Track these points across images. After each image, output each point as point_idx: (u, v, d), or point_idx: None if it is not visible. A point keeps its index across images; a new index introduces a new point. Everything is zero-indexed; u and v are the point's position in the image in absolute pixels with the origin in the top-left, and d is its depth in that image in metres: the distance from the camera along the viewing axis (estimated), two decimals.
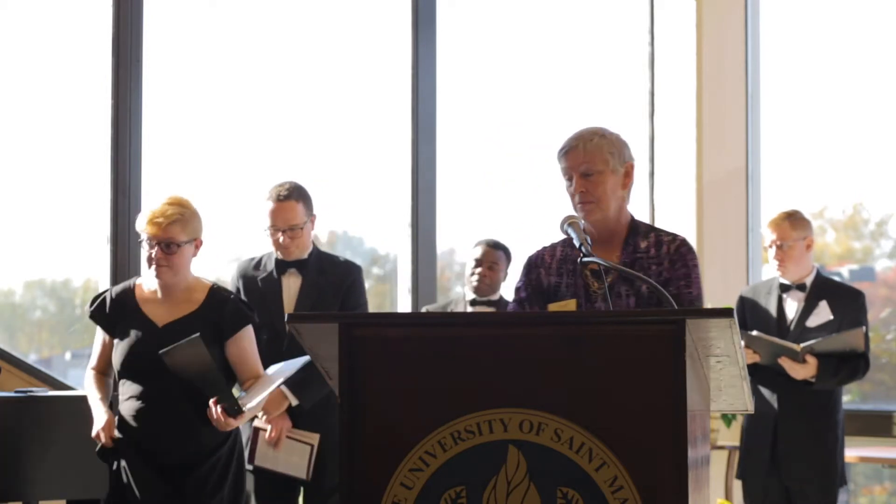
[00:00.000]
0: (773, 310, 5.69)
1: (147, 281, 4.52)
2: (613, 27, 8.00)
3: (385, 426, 2.72)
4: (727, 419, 6.71)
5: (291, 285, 5.12)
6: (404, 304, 6.95)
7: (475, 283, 5.92)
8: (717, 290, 7.37)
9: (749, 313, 5.72)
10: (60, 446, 4.80)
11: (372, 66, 7.18)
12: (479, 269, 5.92)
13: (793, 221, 5.67)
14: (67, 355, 6.87)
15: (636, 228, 3.61)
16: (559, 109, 7.78)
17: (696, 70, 7.58)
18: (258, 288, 5.10)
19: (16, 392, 4.99)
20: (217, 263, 6.99)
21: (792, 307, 5.68)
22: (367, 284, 5.29)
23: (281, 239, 5.06)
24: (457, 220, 7.26)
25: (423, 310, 6.30)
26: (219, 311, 4.43)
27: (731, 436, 7.09)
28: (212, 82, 6.73)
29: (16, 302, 6.71)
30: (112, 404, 4.57)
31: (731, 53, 7.60)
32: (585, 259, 3.29)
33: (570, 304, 3.47)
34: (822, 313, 5.60)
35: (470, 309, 5.93)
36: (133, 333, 4.42)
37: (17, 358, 5.89)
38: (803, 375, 5.44)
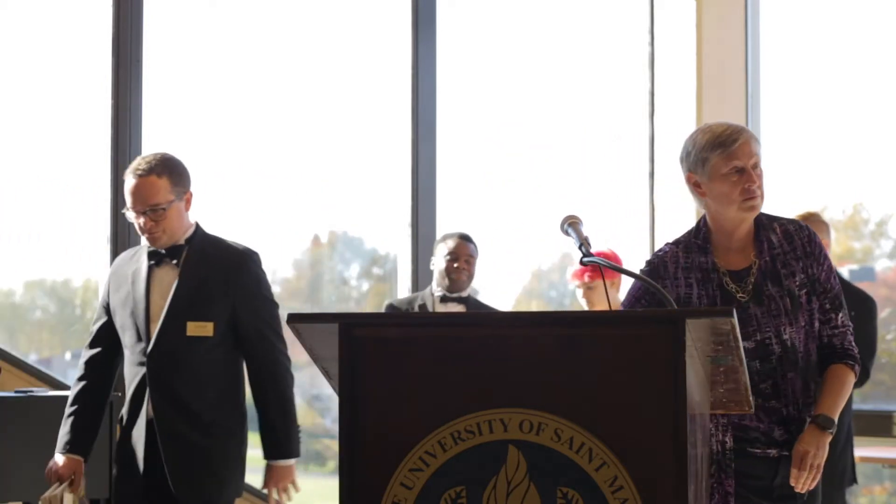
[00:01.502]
0: None
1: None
2: (613, 27, 8.01)
3: (385, 426, 2.72)
4: None
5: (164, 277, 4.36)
6: None
7: (454, 278, 5.63)
8: None
9: None
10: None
11: (372, 66, 7.18)
12: (456, 264, 5.64)
13: (814, 225, 5.61)
14: (67, 355, 6.87)
15: (760, 222, 3.56)
16: (559, 109, 7.78)
17: (696, 70, 7.59)
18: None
19: (16, 392, 5.00)
20: None
21: None
22: (366, 284, 5.28)
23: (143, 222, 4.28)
24: (457, 220, 7.26)
25: (386, 304, 5.91)
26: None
27: None
28: (212, 82, 6.73)
29: (16, 302, 6.71)
30: None
31: (731, 53, 7.60)
32: (585, 260, 3.29)
33: None
34: None
35: (440, 306, 5.67)
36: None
37: (17, 358, 5.90)
38: None
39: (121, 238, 5.99)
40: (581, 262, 3.30)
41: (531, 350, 2.70)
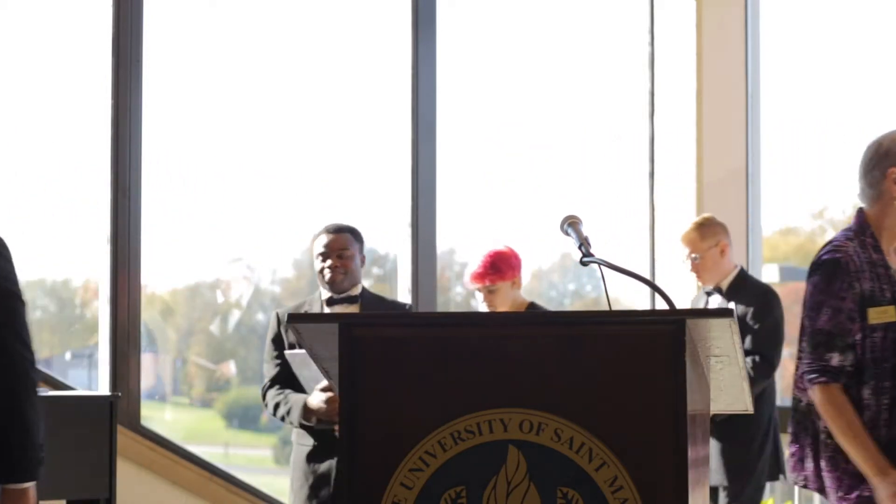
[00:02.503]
0: None
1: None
2: (613, 27, 8.01)
3: (385, 426, 2.71)
4: None
5: None
6: None
7: (328, 279, 5.05)
8: None
9: None
10: (60, 446, 4.80)
11: (372, 66, 7.18)
12: (329, 261, 5.04)
13: (702, 232, 5.83)
14: (67, 355, 6.87)
15: None
16: (559, 109, 7.78)
17: (696, 70, 7.58)
18: None
19: None
20: (217, 263, 7.00)
21: None
22: (366, 284, 5.25)
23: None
24: (457, 220, 7.26)
25: (274, 314, 5.26)
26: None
27: None
28: (212, 82, 6.73)
29: None
30: None
31: (731, 53, 7.60)
32: (585, 260, 3.29)
33: (889, 312, 3.52)
34: None
35: (327, 309, 5.13)
36: None
37: None
38: None
39: (121, 238, 5.99)
40: (581, 262, 3.30)
41: (531, 350, 2.69)
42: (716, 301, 5.84)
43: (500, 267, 5.54)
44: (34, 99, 6.23)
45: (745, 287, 5.85)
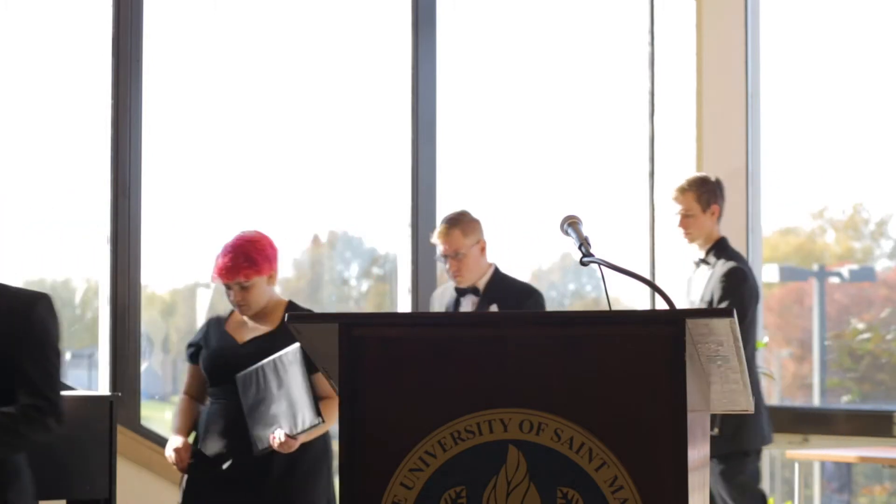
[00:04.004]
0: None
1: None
2: (613, 27, 8.01)
3: (385, 426, 2.72)
4: None
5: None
6: (404, 304, 6.95)
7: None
8: None
9: None
10: (60, 446, 4.80)
11: (372, 66, 7.18)
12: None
13: (463, 228, 5.49)
14: (67, 355, 6.87)
15: None
16: (559, 109, 7.78)
17: (696, 70, 7.58)
18: None
19: None
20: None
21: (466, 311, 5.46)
22: (366, 284, 5.27)
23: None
24: None
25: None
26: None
27: None
28: (212, 82, 6.73)
29: None
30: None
31: (731, 53, 7.59)
32: (585, 260, 3.29)
33: None
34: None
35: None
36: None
37: None
38: None
39: (121, 238, 5.99)
40: (581, 262, 3.30)
41: (531, 350, 2.70)
42: (469, 301, 5.54)
43: (256, 258, 4.71)
44: (34, 99, 6.23)
45: (508, 287, 5.53)
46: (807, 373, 8.14)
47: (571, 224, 3.38)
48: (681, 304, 5.57)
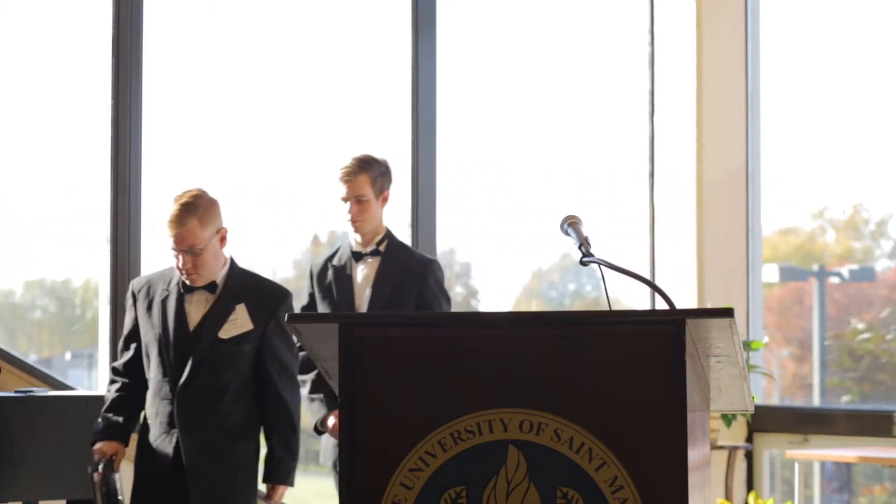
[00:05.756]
0: (171, 314, 4.58)
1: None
2: (613, 27, 8.01)
3: (385, 426, 2.72)
4: (727, 419, 6.72)
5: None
6: None
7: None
8: (717, 291, 7.37)
9: (141, 316, 4.64)
10: (60, 446, 4.80)
11: (372, 65, 7.18)
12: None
13: (201, 218, 4.48)
14: (67, 355, 6.87)
15: None
16: (559, 109, 7.78)
17: (696, 70, 7.58)
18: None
19: (16, 392, 4.99)
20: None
21: (198, 311, 4.60)
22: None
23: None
24: (457, 220, 7.26)
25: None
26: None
27: (731, 436, 7.09)
28: (212, 82, 6.73)
29: (16, 302, 6.72)
30: None
31: (731, 53, 7.60)
32: (585, 260, 3.29)
33: None
34: (241, 321, 4.59)
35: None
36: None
37: (17, 358, 5.89)
38: None
39: (121, 238, 5.99)
40: (581, 262, 3.30)
41: (531, 350, 2.70)
42: (203, 298, 4.60)
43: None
44: (34, 99, 6.23)
45: (257, 286, 4.65)
46: (807, 373, 8.14)
47: (571, 224, 3.38)
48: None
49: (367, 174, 5.12)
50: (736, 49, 7.60)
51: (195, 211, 4.49)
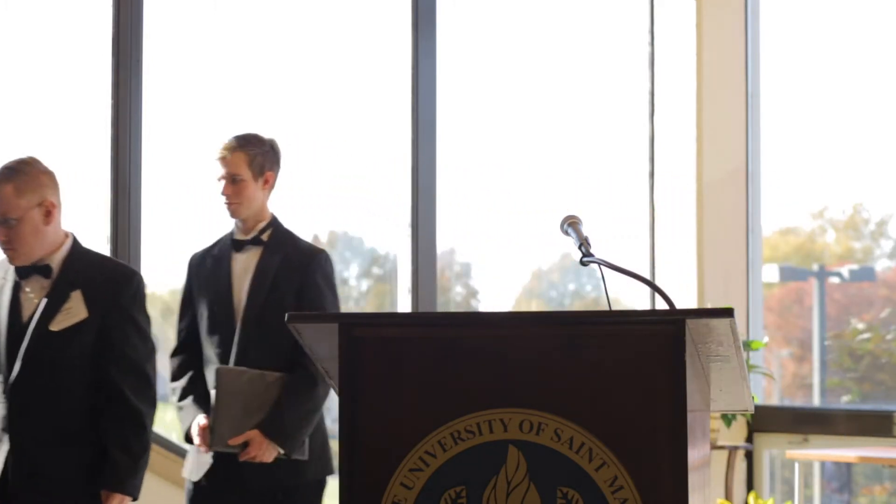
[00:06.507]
0: (4, 304, 4.13)
1: None
2: (613, 27, 8.01)
3: (385, 426, 2.72)
4: (727, 419, 6.72)
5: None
6: (404, 304, 6.95)
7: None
8: (717, 291, 7.37)
9: None
10: None
11: (372, 65, 7.18)
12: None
13: (18, 185, 4.05)
14: None
15: None
16: (559, 109, 7.78)
17: (696, 70, 7.59)
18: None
19: None
20: None
21: (31, 300, 4.13)
22: (366, 284, 5.25)
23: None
24: (457, 220, 7.26)
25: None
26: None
27: (731, 436, 7.09)
28: (212, 82, 6.73)
29: None
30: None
31: (731, 53, 7.60)
32: (585, 260, 3.29)
33: None
34: (75, 310, 4.10)
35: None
36: None
37: None
38: None
39: (121, 238, 5.99)
40: (581, 262, 3.30)
41: (531, 350, 2.70)
42: (38, 284, 4.15)
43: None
44: (34, 99, 6.23)
45: (98, 271, 4.19)
46: (807, 373, 8.15)
47: (571, 224, 3.38)
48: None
49: (244, 152, 4.72)
50: (736, 49, 7.60)
51: (13, 177, 4.04)
